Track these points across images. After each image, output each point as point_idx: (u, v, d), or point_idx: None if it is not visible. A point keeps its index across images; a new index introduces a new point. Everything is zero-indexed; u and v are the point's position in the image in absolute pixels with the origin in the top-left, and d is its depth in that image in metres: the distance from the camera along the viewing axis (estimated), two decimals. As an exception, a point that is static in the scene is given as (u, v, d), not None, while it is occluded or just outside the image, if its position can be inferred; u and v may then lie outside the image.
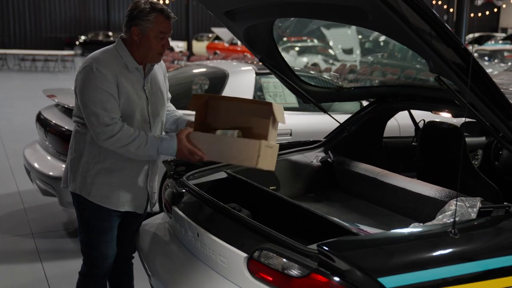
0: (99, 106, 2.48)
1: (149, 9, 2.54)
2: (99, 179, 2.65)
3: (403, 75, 3.32)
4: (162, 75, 2.85)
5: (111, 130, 2.48)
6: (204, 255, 2.43)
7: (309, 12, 2.47)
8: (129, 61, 2.61)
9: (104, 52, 2.62)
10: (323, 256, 1.92)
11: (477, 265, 1.99)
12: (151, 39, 2.57)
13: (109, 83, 2.51)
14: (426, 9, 1.95)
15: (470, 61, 1.99)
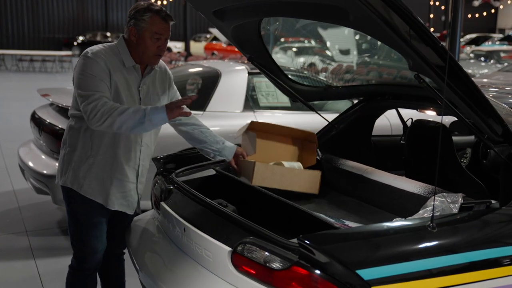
0: (90, 87, 2.52)
1: (145, 9, 2.59)
2: (92, 173, 2.69)
3: (390, 74, 3.37)
4: (164, 83, 2.88)
5: (102, 106, 2.48)
6: (191, 249, 2.48)
7: (295, 11, 2.51)
8: (126, 58, 2.66)
9: (103, 45, 2.68)
10: (303, 249, 1.96)
11: (454, 258, 2.03)
12: (146, 40, 2.61)
13: (102, 71, 2.56)
14: (404, 8, 2.00)
15: (447, 59, 2.03)
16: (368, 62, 3.47)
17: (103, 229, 2.82)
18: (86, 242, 2.81)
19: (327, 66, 3.63)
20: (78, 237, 2.82)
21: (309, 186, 3.17)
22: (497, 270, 2.10)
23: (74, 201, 2.76)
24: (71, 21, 34.80)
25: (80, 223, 2.79)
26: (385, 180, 3.02)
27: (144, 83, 2.73)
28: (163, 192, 2.88)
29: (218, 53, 22.71)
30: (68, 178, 2.73)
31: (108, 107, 2.49)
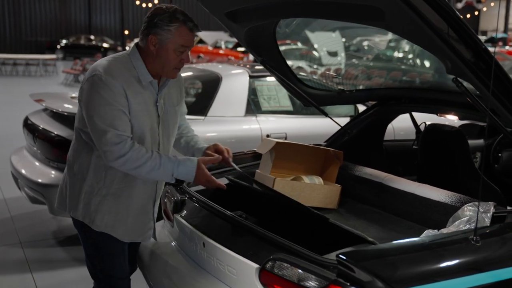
0: (107, 122, 2.22)
1: (171, 17, 2.26)
2: (104, 206, 2.39)
3: (407, 78, 3.25)
4: (177, 90, 2.57)
5: (120, 150, 2.22)
6: (211, 266, 2.33)
7: (320, 11, 2.37)
8: (142, 74, 2.33)
9: (115, 60, 2.33)
10: (342, 267, 1.83)
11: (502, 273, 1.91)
12: (170, 52, 2.29)
13: (118, 96, 2.24)
14: (447, 6, 1.88)
15: (492, 62, 1.91)
16: (382, 65, 3.36)
17: (125, 255, 2.55)
18: (111, 273, 2.53)
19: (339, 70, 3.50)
20: (101, 268, 2.53)
21: (329, 201, 3.08)
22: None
23: (89, 234, 2.45)
24: (53, 24, 34.37)
25: (100, 253, 2.51)
26: (407, 188, 2.90)
27: (161, 97, 2.42)
28: (176, 203, 2.71)
29: (204, 56, 22.53)
30: (78, 211, 2.42)
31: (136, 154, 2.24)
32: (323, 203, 3.06)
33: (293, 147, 3.25)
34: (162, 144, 2.47)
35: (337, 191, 3.11)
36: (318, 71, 3.63)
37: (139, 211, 2.46)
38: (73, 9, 34.93)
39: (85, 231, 2.46)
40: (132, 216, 2.44)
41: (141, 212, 2.47)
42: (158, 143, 2.44)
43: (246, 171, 3.21)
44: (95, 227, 2.40)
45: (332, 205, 3.09)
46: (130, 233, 2.47)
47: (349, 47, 3.50)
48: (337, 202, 3.11)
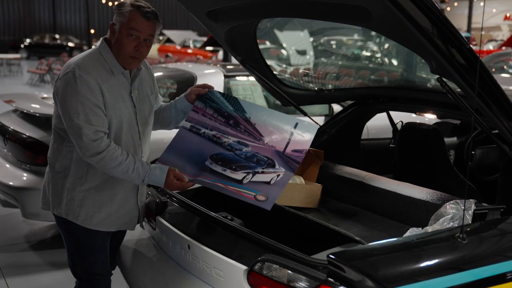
0: (82, 118, 2.24)
1: (125, 3, 2.32)
2: (88, 199, 2.41)
3: (385, 77, 3.28)
4: (150, 81, 2.60)
5: (97, 147, 2.26)
6: (197, 268, 2.30)
7: (305, 11, 2.36)
8: (114, 65, 2.37)
9: (88, 56, 2.36)
10: (332, 267, 1.82)
11: (489, 270, 1.94)
12: (123, 36, 2.31)
13: (93, 91, 2.27)
14: (432, 6, 1.89)
15: (477, 62, 1.93)
16: (361, 65, 3.38)
17: (106, 252, 2.56)
18: (92, 269, 2.53)
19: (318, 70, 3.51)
20: (83, 265, 2.53)
21: (309, 201, 3.08)
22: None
23: (72, 229, 2.46)
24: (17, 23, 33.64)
25: (82, 249, 2.51)
26: (388, 187, 2.92)
27: (134, 87, 2.46)
28: (157, 205, 2.67)
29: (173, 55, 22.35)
30: (61, 208, 2.43)
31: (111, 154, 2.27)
32: (305, 202, 3.06)
33: None
34: (142, 133, 2.51)
35: (318, 190, 3.11)
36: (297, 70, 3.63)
37: (123, 200, 2.49)
38: (36, 8, 34.24)
39: (67, 228, 2.47)
40: (116, 205, 2.47)
41: (125, 201, 2.50)
42: (138, 132, 2.48)
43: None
44: (80, 222, 2.42)
45: (313, 205, 3.09)
46: (115, 222, 2.50)
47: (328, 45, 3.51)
48: (318, 201, 3.11)
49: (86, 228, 2.44)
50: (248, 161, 2.48)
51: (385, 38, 3.11)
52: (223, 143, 2.53)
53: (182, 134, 2.57)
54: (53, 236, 4.70)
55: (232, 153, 2.49)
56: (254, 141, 2.52)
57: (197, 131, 2.56)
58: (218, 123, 2.57)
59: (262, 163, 2.45)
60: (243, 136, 2.54)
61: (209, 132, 2.55)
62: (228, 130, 2.55)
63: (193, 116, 2.59)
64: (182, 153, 2.51)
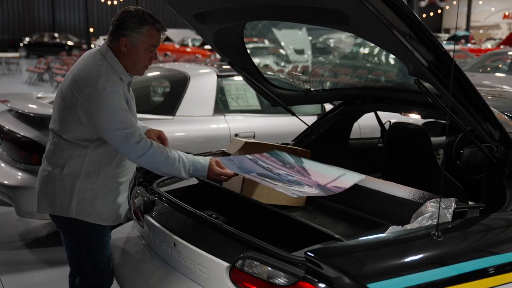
0: (125, 124, 2.37)
1: (141, 20, 2.43)
2: (98, 197, 2.54)
3: (372, 77, 3.33)
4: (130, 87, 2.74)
5: (142, 148, 2.38)
6: (182, 265, 2.36)
7: (286, 15, 2.42)
8: (123, 74, 2.50)
9: (102, 68, 2.44)
10: (310, 264, 1.88)
11: (463, 266, 1.99)
12: (140, 52, 2.47)
13: (123, 99, 2.42)
14: (408, 11, 1.95)
15: (452, 64, 1.99)
16: (349, 65, 3.43)
17: (109, 247, 2.72)
18: (103, 266, 2.66)
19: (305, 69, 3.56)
20: (93, 263, 2.64)
21: (296, 199, 3.12)
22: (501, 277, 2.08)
23: (81, 229, 2.57)
24: (16, 22, 33.70)
25: (93, 248, 2.62)
26: (373, 186, 2.98)
27: (130, 90, 2.62)
28: (146, 203, 2.73)
29: (171, 54, 22.41)
30: (71, 208, 2.52)
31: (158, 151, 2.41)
32: (292, 201, 3.12)
33: (262, 146, 3.29)
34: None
35: None
36: (285, 69, 3.68)
37: (125, 195, 2.68)
38: (36, 6, 34.29)
39: (77, 228, 2.56)
40: (120, 200, 2.63)
41: (125, 196, 2.68)
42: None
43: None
44: (92, 219, 2.54)
45: (300, 203, 3.15)
46: (121, 216, 2.67)
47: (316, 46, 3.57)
48: (305, 200, 3.17)
49: (97, 225, 2.56)
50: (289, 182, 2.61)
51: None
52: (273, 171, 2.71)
53: (240, 156, 2.84)
54: (48, 234, 4.76)
55: (278, 176, 2.65)
56: (301, 177, 2.69)
57: (255, 160, 2.78)
58: (276, 164, 2.79)
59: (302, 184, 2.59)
60: (293, 173, 2.73)
61: (264, 164, 2.77)
62: (282, 168, 2.76)
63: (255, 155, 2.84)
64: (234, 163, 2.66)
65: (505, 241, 2.19)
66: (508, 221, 2.31)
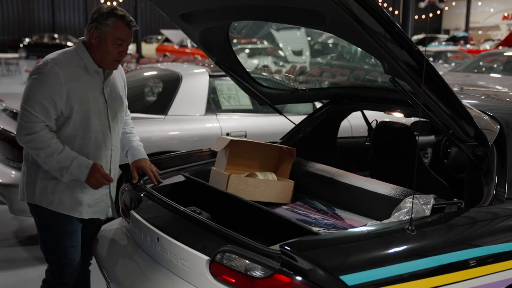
0: (29, 102, 2.48)
1: (109, 13, 2.54)
2: (60, 187, 2.62)
3: (357, 77, 3.39)
4: (122, 81, 2.85)
5: (31, 128, 2.47)
6: (165, 259, 2.42)
7: (266, 15, 2.49)
8: (89, 63, 2.60)
9: (64, 53, 2.61)
10: (285, 256, 1.94)
11: (434, 260, 2.05)
12: (108, 44, 2.56)
13: (57, 85, 2.49)
14: (381, 11, 2.01)
15: (423, 63, 2.05)
16: (335, 64, 3.48)
17: (78, 239, 2.75)
18: (63, 254, 2.72)
19: (292, 69, 3.62)
20: (53, 249, 2.72)
21: (282, 196, 3.19)
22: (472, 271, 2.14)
23: (45, 215, 2.66)
24: (16, 23, 33.77)
25: (53, 234, 2.70)
26: (355, 183, 3.03)
27: (107, 85, 2.70)
28: (132, 200, 2.79)
29: (170, 54, 22.46)
30: (35, 195, 2.63)
31: (42, 138, 2.47)
32: (277, 198, 3.18)
33: (248, 144, 3.35)
34: (113, 127, 2.72)
35: (290, 186, 3.22)
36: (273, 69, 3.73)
37: (94, 190, 2.66)
38: (36, 7, 34.35)
39: (40, 215, 2.67)
40: (87, 194, 2.67)
41: (97, 191, 2.69)
42: (108, 125, 2.69)
43: (203, 168, 3.32)
44: (53, 207, 2.61)
45: (285, 200, 3.21)
46: (88, 211, 2.70)
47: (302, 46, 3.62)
48: (290, 197, 3.23)
49: (59, 213, 2.62)
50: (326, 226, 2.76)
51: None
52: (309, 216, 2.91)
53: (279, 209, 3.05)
54: (41, 232, 4.81)
55: (315, 220, 2.82)
56: (336, 220, 2.86)
57: (291, 209, 3.06)
58: (310, 211, 3.03)
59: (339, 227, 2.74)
60: (328, 217, 2.90)
61: (299, 211, 3.02)
62: (317, 214, 2.96)
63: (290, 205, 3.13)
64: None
65: (476, 237, 2.25)
66: (481, 217, 2.36)
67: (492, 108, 2.93)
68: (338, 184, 3.12)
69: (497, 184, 2.52)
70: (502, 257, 2.22)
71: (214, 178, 3.16)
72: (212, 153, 3.43)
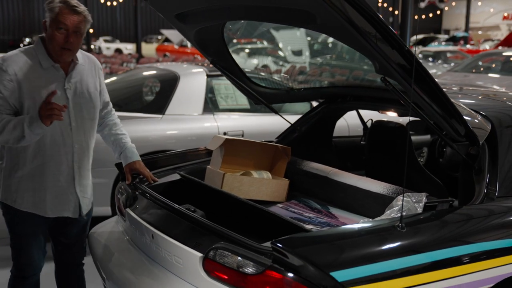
0: None
1: (55, 1, 2.52)
2: (22, 185, 2.64)
3: (351, 76, 3.41)
4: (94, 77, 2.79)
5: None
6: (160, 256, 2.45)
7: (259, 15, 2.52)
8: (43, 59, 2.58)
9: (19, 51, 2.62)
10: (277, 253, 1.97)
11: (424, 256, 2.08)
12: (53, 31, 2.52)
13: (7, 81, 2.50)
14: (371, 12, 2.03)
15: (413, 62, 2.08)
16: (330, 64, 3.51)
17: (39, 238, 2.77)
18: (23, 251, 2.76)
19: (289, 69, 3.65)
20: (15, 246, 2.78)
21: (277, 195, 3.22)
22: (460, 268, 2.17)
23: (8, 213, 2.72)
24: (16, 22, 33.85)
25: (15, 232, 2.75)
26: (349, 181, 3.06)
27: (70, 81, 2.65)
28: (128, 198, 2.82)
29: (170, 54, 22.51)
30: (1, 193, 2.69)
31: None
32: (272, 196, 3.20)
33: (243, 143, 3.38)
34: (75, 124, 2.69)
35: (285, 185, 3.25)
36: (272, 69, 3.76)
37: (57, 188, 2.68)
38: (36, 7, 34.40)
39: (5, 213, 2.73)
40: (50, 193, 2.68)
41: (60, 189, 2.70)
42: (69, 123, 2.66)
43: (199, 166, 3.35)
44: (17, 205, 2.66)
45: (280, 199, 3.23)
46: (52, 209, 2.70)
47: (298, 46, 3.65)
48: (285, 195, 3.25)
49: (23, 211, 2.66)
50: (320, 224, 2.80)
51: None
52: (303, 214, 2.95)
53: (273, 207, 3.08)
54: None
55: (309, 219, 2.86)
56: (330, 219, 2.90)
57: (285, 208, 3.09)
58: (304, 209, 3.06)
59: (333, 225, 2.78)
60: (322, 216, 2.94)
61: (294, 210, 3.05)
62: (311, 212, 2.99)
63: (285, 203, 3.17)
64: None
65: (466, 234, 2.28)
66: (470, 215, 2.39)
67: (486, 107, 2.96)
68: (332, 183, 3.15)
69: (488, 182, 2.55)
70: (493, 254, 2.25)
71: (210, 176, 3.18)
72: (208, 152, 3.46)
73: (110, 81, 5.91)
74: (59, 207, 2.72)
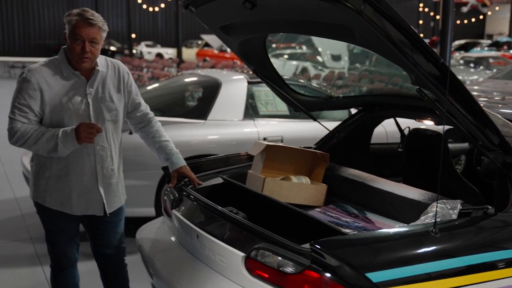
0: (12, 111, 2.74)
1: (70, 13, 2.74)
2: (50, 186, 2.85)
3: (390, 82, 3.50)
4: (116, 82, 2.94)
5: (12, 129, 2.72)
6: (204, 255, 2.60)
7: (299, 28, 2.65)
8: (64, 68, 2.78)
9: (44, 61, 2.83)
10: (315, 254, 2.09)
11: (458, 261, 2.16)
12: (71, 41, 2.72)
13: (31, 90, 2.71)
14: (408, 27, 2.14)
15: (447, 74, 2.17)
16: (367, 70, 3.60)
17: (70, 233, 3.00)
18: (55, 246, 3.01)
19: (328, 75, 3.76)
20: (49, 241, 3.03)
21: (315, 199, 3.33)
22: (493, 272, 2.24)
23: (41, 212, 2.95)
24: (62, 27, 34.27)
25: (48, 229, 3.01)
26: (386, 187, 3.15)
27: (91, 86, 2.83)
28: (174, 200, 2.99)
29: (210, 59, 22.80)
30: (33, 193, 2.93)
31: (22, 131, 2.70)
32: (310, 201, 3.32)
33: (283, 149, 3.51)
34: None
35: (323, 190, 3.37)
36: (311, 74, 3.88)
37: (82, 187, 2.88)
38: (81, 13, 35.23)
39: (38, 211, 2.97)
40: (75, 192, 2.87)
41: (84, 189, 2.89)
42: None
43: (241, 171, 3.49)
44: (47, 204, 2.89)
45: (318, 203, 3.35)
46: (78, 207, 2.91)
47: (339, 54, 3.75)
48: (323, 200, 3.37)
49: (53, 209, 2.89)
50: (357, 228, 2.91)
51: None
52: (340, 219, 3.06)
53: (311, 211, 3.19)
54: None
55: (346, 223, 2.97)
56: (366, 224, 3.01)
57: (323, 212, 3.22)
58: (342, 214, 3.17)
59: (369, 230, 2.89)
60: (359, 221, 3.05)
61: (332, 214, 3.16)
62: (348, 217, 3.11)
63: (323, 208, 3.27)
64: None
65: (499, 240, 2.35)
66: (504, 221, 2.46)
67: None
68: (369, 189, 3.24)
69: None
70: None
71: (251, 180, 3.32)
72: (249, 157, 3.60)
73: (153, 87, 6.13)
74: (84, 205, 2.92)
